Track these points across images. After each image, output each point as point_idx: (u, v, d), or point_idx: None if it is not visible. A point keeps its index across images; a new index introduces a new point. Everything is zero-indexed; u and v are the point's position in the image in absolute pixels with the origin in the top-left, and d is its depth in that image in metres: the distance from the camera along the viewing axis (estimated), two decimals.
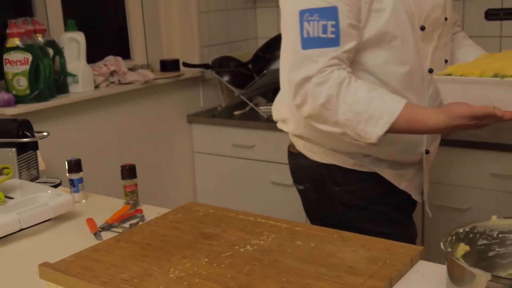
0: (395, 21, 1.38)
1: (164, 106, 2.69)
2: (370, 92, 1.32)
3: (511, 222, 1.08)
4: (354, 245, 1.20)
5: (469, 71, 1.25)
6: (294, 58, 1.35)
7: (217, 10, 2.91)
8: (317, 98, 1.32)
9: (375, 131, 1.31)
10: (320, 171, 1.54)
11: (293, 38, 1.35)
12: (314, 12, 1.31)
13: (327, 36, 1.31)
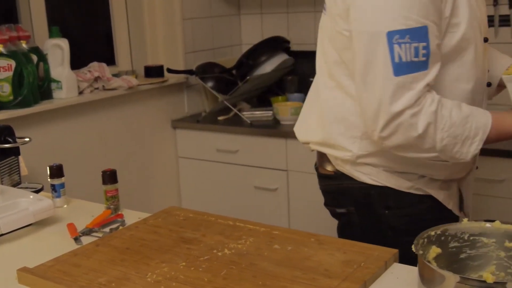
0: (469, 35, 1.30)
1: (148, 111, 2.70)
2: (461, 111, 1.26)
3: (481, 225, 1.10)
4: (331, 249, 1.22)
5: None
6: (384, 87, 1.22)
7: (202, 17, 2.94)
8: (414, 129, 1.23)
9: (471, 150, 1.26)
10: (368, 193, 1.43)
11: (379, 64, 1.22)
12: (405, 34, 1.19)
13: (419, 59, 1.21)
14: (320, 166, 1.54)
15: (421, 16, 1.20)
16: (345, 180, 1.45)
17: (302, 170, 2.50)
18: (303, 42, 3.01)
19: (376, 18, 1.22)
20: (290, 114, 2.57)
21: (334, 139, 1.42)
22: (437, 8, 1.23)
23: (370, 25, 1.23)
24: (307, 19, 2.98)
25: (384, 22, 1.20)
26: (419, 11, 1.19)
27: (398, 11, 1.20)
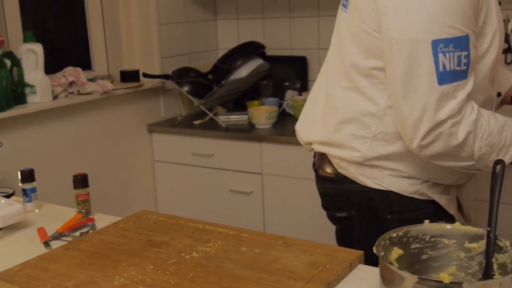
0: (493, 46, 1.31)
1: (124, 116, 2.71)
2: (498, 120, 1.28)
3: (442, 226, 1.13)
4: (297, 251, 1.25)
5: None
6: (427, 96, 1.21)
7: (178, 22, 2.95)
8: (454, 138, 1.23)
9: (505, 159, 1.27)
10: (372, 197, 1.42)
11: (423, 72, 1.21)
12: (449, 43, 1.19)
13: (461, 68, 1.21)
14: (320, 168, 1.52)
15: (464, 25, 1.20)
16: (347, 183, 1.44)
17: (277, 174, 2.53)
18: (279, 47, 3.04)
19: (420, 26, 1.21)
20: (265, 118, 2.59)
21: (343, 139, 1.40)
22: (476, 17, 1.24)
23: (413, 33, 1.21)
24: (282, 24, 3.01)
25: (429, 31, 1.20)
26: (463, 20, 1.20)
27: (442, 20, 1.19)
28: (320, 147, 1.48)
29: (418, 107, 1.22)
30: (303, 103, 2.69)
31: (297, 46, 2.99)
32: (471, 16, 1.21)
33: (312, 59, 2.96)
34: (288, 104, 2.79)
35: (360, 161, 1.39)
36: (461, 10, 1.19)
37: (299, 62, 2.97)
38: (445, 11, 1.19)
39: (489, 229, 1.07)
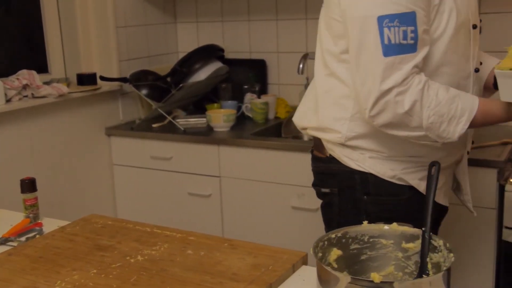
0: (455, 22, 1.39)
1: (81, 119, 2.69)
2: (448, 92, 1.34)
3: (380, 227, 1.16)
4: (242, 253, 1.26)
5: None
6: (374, 67, 1.31)
7: (137, 25, 2.94)
8: (400, 106, 1.31)
9: (457, 129, 1.34)
10: (353, 177, 1.51)
11: (370, 46, 1.31)
12: (394, 18, 1.29)
13: (407, 42, 1.30)
14: (315, 150, 1.63)
15: (410, 2, 1.29)
16: (334, 163, 1.54)
17: (235, 176, 2.54)
18: (238, 50, 3.06)
19: (368, 4, 1.32)
20: (223, 121, 2.60)
21: (327, 123, 1.52)
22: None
23: (362, 10, 1.32)
24: (241, 28, 3.03)
25: (375, 7, 1.30)
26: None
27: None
28: (313, 132, 1.59)
29: (367, 78, 1.33)
30: (262, 106, 2.74)
31: (256, 49, 3.02)
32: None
33: (271, 62, 2.98)
34: (247, 107, 2.81)
35: (342, 142, 1.50)
36: None
37: (258, 65, 2.99)
38: None
39: (424, 230, 1.10)
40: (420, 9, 1.31)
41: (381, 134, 1.43)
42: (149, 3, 3.03)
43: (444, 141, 1.37)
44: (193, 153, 2.61)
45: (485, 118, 1.37)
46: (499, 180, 2.03)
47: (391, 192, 1.50)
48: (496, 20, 2.45)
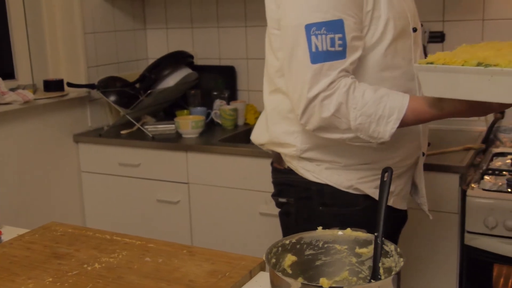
0: (393, 25, 1.41)
1: (48, 126, 2.67)
2: (376, 92, 1.34)
3: (334, 233, 1.18)
4: (200, 259, 1.27)
5: (451, 59, 1.22)
6: (303, 74, 1.34)
7: (105, 31, 2.94)
8: (326, 110, 1.33)
9: (387, 129, 1.34)
10: (309, 188, 1.53)
11: (299, 53, 1.34)
12: (321, 26, 1.31)
13: (335, 49, 1.32)
14: (275, 162, 1.66)
15: (337, 10, 1.32)
16: (292, 174, 1.56)
17: (203, 183, 2.55)
18: (208, 57, 3.07)
19: (297, 12, 1.35)
20: (191, 127, 2.61)
21: (280, 138, 1.54)
22: (356, 3, 1.35)
23: (292, 19, 1.36)
24: (211, 34, 3.05)
25: (303, 16, 1.33)
26: (335, 6, 1.32)
27: (315, 6, 1.33)
28: (270, 147, 1.62)
29: (297, 85, 1.36)
30: (231, 112, 2.75)
31: (226, 56, 3.03)
32: (346, 2, 1.33)
33: (240, 69, 3.00)
34: (216, 114, 2.82)
35: (298, 155, 1.52)
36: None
37: (228, 71, 3.00)
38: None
39: (377, 235, 1.12)
40: (349, 16, 1.33)
41: (334, 143, 1.45)
42: (118, 9, 3.03)
43: (377, 141, 1.37)
44: (162, 159, 2.61)
45: (417, 116, 1.35)
46: (461, 185, 2.07)
47: (347, 203, 1.52)
48: (460, 27, 2.51)
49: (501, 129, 2.49)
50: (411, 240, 2.16)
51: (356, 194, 1.51)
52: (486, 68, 1.16)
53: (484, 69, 1.16)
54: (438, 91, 1.26)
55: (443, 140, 2.41)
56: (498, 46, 1.30)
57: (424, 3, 2.55)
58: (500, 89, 1.15)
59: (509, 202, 1.91)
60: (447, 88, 1.23)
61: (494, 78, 1.15)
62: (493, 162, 2.23)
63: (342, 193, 1.51)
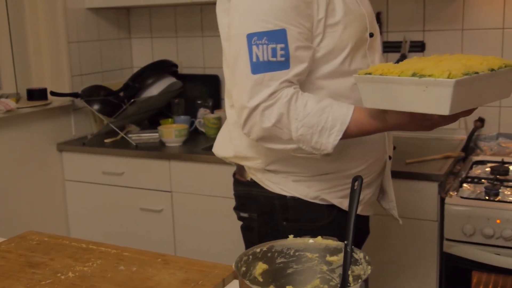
0: (350, 32, 1.39)
1: (31, 135, 2.67)
2: (319, 103, 1.31)
3: (305, 241, 1.19)
4: (174, 268, 1.28)
5: (389, 70, 1.20)
6: (245, 84, 1.32)
7: (90, 40, 2.95)
8: (266, 120, 1.31)
9: (330, 140, 1.31)
10: (272, 202, 1.51)
11: (241, 63, 1.32)
12: (262, 36, 1.29)
13: (277, 59, 1.29)
14: (237, 173, 1.64)
15: (279, 20, 1.29)
16: (255, 187, 1.53)
17: (186, 191, 2.55)
18: (192, 66, 3.09)
19: (240, 22, 1.33)
20: (174, 136, 2.62)
21: (244, 152, 1.52)
22: (302, 13, 1.32)
23: (236, 28, 1.34)
24: (195, 43, 3.06)
25: (246, 25, 1.31)
26: (277, 15, 1.29)
27: (257, 15, 1.30)
28: (233, 160, 1.59)
29: (239, 95, 1.34)
30: (215, 121, 2.77)
31: (210, 65, 3.05)
32: (289, 12, 1.30)
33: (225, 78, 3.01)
34: (200, 122, 2.83)
35: (263, 167, 1.50)
36: (276, 7, 1.29)
37: (212, 80, 3.02)
38: (260, 7, 1.30)
39: (346, 243, 1.14)
40: (293, 26, 1.30)
41: (291, 156, 1.44)
42: (103, 19, 3.04)
43: (320, 153, 1.34)
44: (145, 168, 2.62)
45: (360, 128, 1.33)
46: (440, 193, 2.09)
47: (311, 218, 1.50)
48: (440, 37, 2.54)
49: (481, 138, 2.52)
50: (392, 248, 2.18)
51: (321, 205, 1.49)
52: (420, 78, 1.14)
53: (418, 80, 1.14)
54: (376, 102, 1.24)
55: (423, 148, 2.44)
56: (443, 58, 1.28)
57: (405, 13, 2.59)
58: (435, 100, 1.13)
59: (487, 209, 1.93)
60: (385, 99, 1.21)
61: (428, 89, 1.13)
62: (472, 170, 2.26)
63: (306, 206, 1.49)
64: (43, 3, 2.72)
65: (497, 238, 1.92)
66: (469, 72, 1.14)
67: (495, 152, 2.44)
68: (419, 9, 2.56)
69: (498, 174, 2.17)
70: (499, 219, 1.92)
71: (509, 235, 1.89)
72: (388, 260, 2.19)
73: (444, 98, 1.11)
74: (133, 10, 3.20)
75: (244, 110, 1.34)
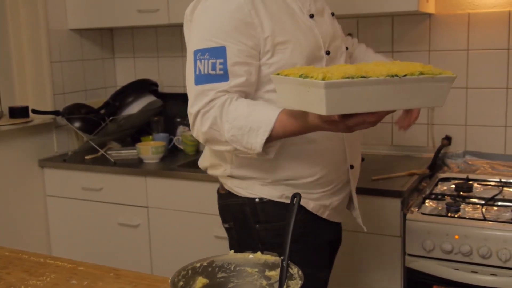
0: (301, 49, 1.50)
1: (13, 151, 2.75)
2: (249, 106, 1.43)
3: (245, 256, 1.24)
4: (124, 282, 1.34)
5: (293, 71, 1.26)
6: (189, 94, 1.47)
7: (72, 60, 3.03)
8: (205, 124, 1.43)
9: (257, 140, 1.40)
10: (243, 208, 1.61)
11: (189, 76, 1.47)
12: (205, 52, 1.44)
13: (216, 72, 1.43)
14: (220, 188, 1.72)
15: (219, 38, 1.44)
16: (229, 197, 1.65)
17: (162, 207, 2.62)
18: (173, 84, 3.17)
19: (191, 40, 1.52)
20: (151, 153, 2.69)
21: (213, 160, 1.65)
22: (243, 33, 1.45)
23: (188, 45, 1.52)
24: (176, 63, 3.15)
25: (194, 43, 1.48)
26: (218, 34, 1.45)
27: (203, 35, 1.47)
28: (209, 171, 1.71)
29: (188, 104, 1.48)
30: (192, 138, 2.84)
31: None
32: (230, 31, 1.44)
33: None
34: (178, 140, 2.90)
35: (228, 174, 1.61)
36: (218, 27, 1.45)
37: None
38: (206, 27, 1.47)
39: (283, 258, 1.19)
40: (232, 44, 1.44)
41: (257, 160, 1.53)
42: (86, 39, 3.13)
43: (253, 152, 1.43)
44: (122, 184, 2.68)
45: (284, 128, 1.40)
46: (403, 209, 2.14)
47: (280, 217, 1.57)
48: (408, 58, 2.61)
49: (449, 155, 2.58)
50: (357, 262, 2.23)
51: (288, 203, 1.47)
52: (304, 79, 1.19)
53: (302, 81, 1.19)
54: (286, 102, 1.34)
55: (391, 165, 2.50)
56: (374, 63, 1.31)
57: (375, 34, 2.66)
58: (315, 100, 1.18)
59: (445, 225, 1.99)
60: (291, 99, 1.29)
61: (310, 89, 1.18)
62: (438, 187, 2.32)
63: (274, 206, 1.58)
64: (26, 24, 2.82)
65: (456, 254, 1.97)
66: (354, 75, 1.17)
67: (461, 169, 2.49)
68: (387, 31, 2.64)
69: (462, 191, 2.23)
70: (457, 234, 1.97)
71: (467, 250, 1.94)
72: (352, 274, 2.24)
73: (320, 99, 1.16)
74: (116, 31, 3.29)
75: (190, 116, 1.48)
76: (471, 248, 1.94)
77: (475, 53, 2.50)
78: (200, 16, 1.50)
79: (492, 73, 2.49)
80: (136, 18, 2.78)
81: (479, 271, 1.94)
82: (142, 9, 2.74)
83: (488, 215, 2.01)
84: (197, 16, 1.52)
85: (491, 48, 2.47)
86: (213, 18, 1.47)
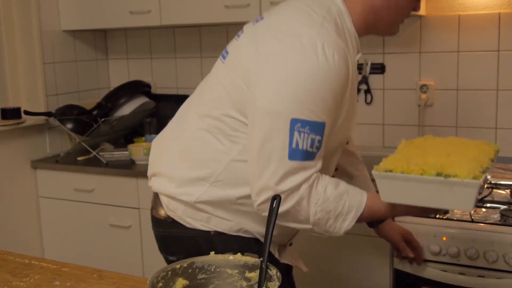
0: (342, 136, 1.47)
1: (5, 153, 2.76)
2: (337, 188, 1.34)
3: (226, 257, 1.24)
4: (107, 283, 1.34)
5: (408, 168, 1.27)
6: (277, 166, 1.29)
7: (65, 61, 3.04)
8: (288, 203, 1.31)
9: (344, 226, 1.35)
10: (197, 241, 1.48)
11: (276, 144, 1.29)
12: (306, 124, 1.27)
13: (312, 150, 1.30)
14: (154, 209, 1.59)
15: (323, 113, 1.30)
16: (175, 227, 1.50)
17: None
18: (166, 86, 3.18)
19: (283, 102, 1.28)
20: (143, 154, 2.70)
21: (180, 177, 1.46)
22: (335, 109, 1.34)
23: (277, 106, 1.28)
24: (169, 64, 3.16)
25: (291, 108, 1.27)
26: (323, 108, 1.29)
27: (305, 102, 1.27)
28: (158, 180, 1.55)
29: (264, 173, 1.31)
30: None
31: (183, 85, 3.14)
32: (330, 107, 1.31)
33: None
34: None
35: (191, 203, 1.45)
36: (322, 99, 1.28)
37: (185, 100, 3.08)
38: (309, 94, 1.27)
39: (262, 260, 1.20)
40: (329, 119, 1.32)
41: (230, 206, 1.45)
42: (80, 40, 3.14)
43: (330, 235, 1.38)
44: (114, 185, 2.69)
45: (371, 215, 1.39)
46: None
47: (239, 249, 1.43)
48: (399, 59, 2.61)
49: None
50: (346, 264, 2.23)
51: (247, 237, 1.48)
52: (446, 179, 1.23)
53: (444, 180, 1.23)
54: (395, 198, 1.32)
55: None
56: (442, 149, 1.37)
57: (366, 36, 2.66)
58: (460, 198, 1.24)
59: (433, 227, 1.99)
60: (405, 195, 1.29)
61: (454, 188, 1.23)
62: None
63: (232, 239, 1.48)
64: (19, 25, 2.83)
65: (444, 255, 1.98)
66: (483, 168, 1.26)
67: None
68: None
69: None
70: (445, 236, 1.97)
71: (454, 252, 1.95)
72: (341, 276, 2.25)
73: (469, 197, 1.23)
74: (109, 32, 3.30)
75: (268, 191, 1.31)
76: (459, 249, 1.94)
77: (465, 55, 2.51)
78: (290, 65, 1.28)
79: (482, 75, 2.49)
80: (128, 20, 2.78)
81: (466, 273, 1.94)
82: (134, 10, 2.75)
83: (476, 216, 2.02)
84: (280, 62, 1.29)
85: (482, 50, 2.48)
86: (312, 82, 1.27)
